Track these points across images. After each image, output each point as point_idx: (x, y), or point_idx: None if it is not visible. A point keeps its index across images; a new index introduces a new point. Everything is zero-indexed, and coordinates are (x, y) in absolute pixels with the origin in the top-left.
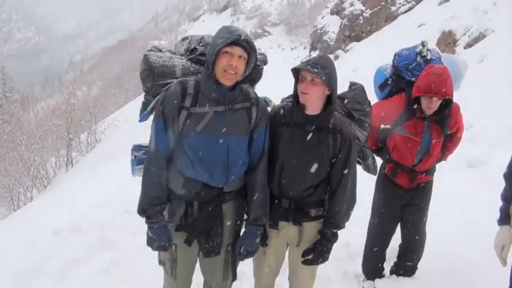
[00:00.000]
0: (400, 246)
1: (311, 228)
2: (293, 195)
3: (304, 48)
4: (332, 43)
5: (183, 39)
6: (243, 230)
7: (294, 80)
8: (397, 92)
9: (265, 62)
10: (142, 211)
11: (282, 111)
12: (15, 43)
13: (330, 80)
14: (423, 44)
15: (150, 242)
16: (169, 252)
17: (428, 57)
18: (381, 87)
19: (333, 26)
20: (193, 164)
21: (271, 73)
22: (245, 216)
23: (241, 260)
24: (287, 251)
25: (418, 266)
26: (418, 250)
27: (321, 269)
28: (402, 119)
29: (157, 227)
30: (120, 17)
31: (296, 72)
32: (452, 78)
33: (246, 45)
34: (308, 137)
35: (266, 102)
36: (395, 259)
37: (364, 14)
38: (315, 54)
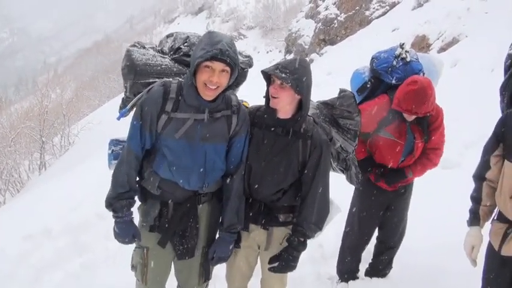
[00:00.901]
0: (376, 246)
1: (280, 233)
2: (262, 198)
3: (280, 51)
4: (307, 46)
5: (168, 36)
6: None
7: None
8: (377, 95)
9: (250, 65)
10: (109, 205)
11: (257, 112)
12: None
13: (299, 86)
14: (401, 46)
15: (116, 237)
16: (140, 256)
17: (408, 59)
18: (360, 91)
19: (307, 29)
20: (170, 167)
21: (249, 78)
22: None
23: (213, 265)
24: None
25: (393, 265)
26: (394, 251)
27: (295, 270)
28: (385, 122)
29: (122, 222)
30: (96, 18)
31: (267, 74)
32: (431, 77)
33: (228, 59)
34: (277, 140)
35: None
36: (369, 260)
37: (339, 18)
38: (290, 57)
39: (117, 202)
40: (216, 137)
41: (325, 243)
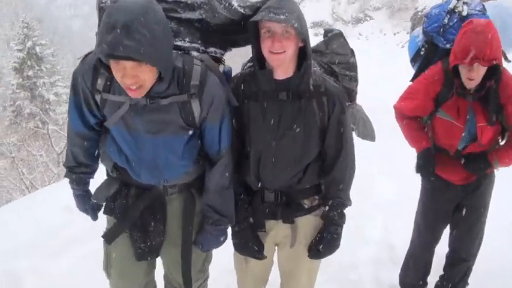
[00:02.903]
0: (447, 256)
1: (307, 223)
2: (278, 185)
3: (407, 33)
4: None
5: None
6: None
7: (252, 40)
8: (430, 65)
9: (249, 9)
10: (65, 173)
11: (244, 82)
12: None
13: (303, 26)
14: None
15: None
16: (103, 243)
17: (464, 14)
18: (414, 60)
19: None
20: (119, 153)
21: (375, 61)
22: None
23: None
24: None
25: (469, 281)
26: (469, 264)
27: (353, 271)
28: (441, 98)
29: (74, 195)
30: None
31: (254, 27)
32: (509, 32)
33: (130, 54)
34: (285, 109)
35: (226, 74)
36: (441, 271)
37: None
38: None
39: (68, 174)
40: (165, 128)
41: (399, 244)
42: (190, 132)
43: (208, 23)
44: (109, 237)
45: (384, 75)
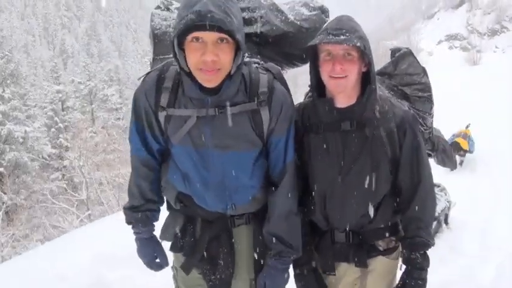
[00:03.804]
0: None
1: (382, 267)
2: (348, 225)
3: None
4: None
5: None
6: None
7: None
8: None
9: (321, 23)
10: (125, 217)
11: (304, 112)
12: None
13: (366, 46)
14: None
15: (139, 256)
16: (172, 276)
17: None
18: None
19: None
20: (184, 179)
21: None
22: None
23: None
24: None
25: None
26: None
27: None
28: None
29: (139, 239)
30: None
31: (312, 51)
32: None
33: (210, 22)
34: (349, 140)
35: None
36: None
37: None
38: None
39: (131, 215)
40: (236, 142)
41: None
42: (260, 148)
43: (266, 36)
44: (186, 268)
45: None
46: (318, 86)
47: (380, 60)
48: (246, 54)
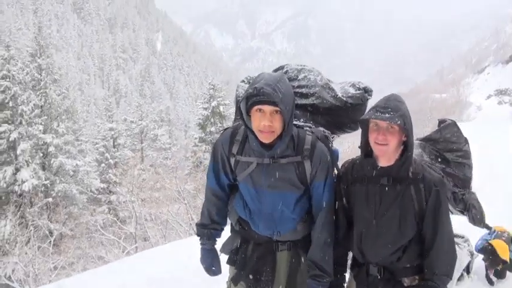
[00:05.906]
0: None
1: None
2: (379, 260)
3: None
4: None
5: (278, 68)
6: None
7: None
8: None
9: (363, 99)
10: (196, 232)
11: (354, 166)
12: None
13: (406, 123)
14: None
15: (200, 262)
16: (227, 286)
17: None
18: None
19: None
20: (245, 208)
21: None
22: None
23: None
24: None
25: None
26: None
27: None
28: None
29: (202, 248)
30: (404, 69)
31: (364, 121)
32: None
33: (264, 97)
34: (385, 193)
35: (335, 153)
36: None
37: None
38: None
39: (200, 230)
40: (283, 184)
41: None
42: (302, 190)
43: (318, 108)
44: (235, 280)
45: None
46: (365, 148)
47: (429, 113)
48: (302, 120)
